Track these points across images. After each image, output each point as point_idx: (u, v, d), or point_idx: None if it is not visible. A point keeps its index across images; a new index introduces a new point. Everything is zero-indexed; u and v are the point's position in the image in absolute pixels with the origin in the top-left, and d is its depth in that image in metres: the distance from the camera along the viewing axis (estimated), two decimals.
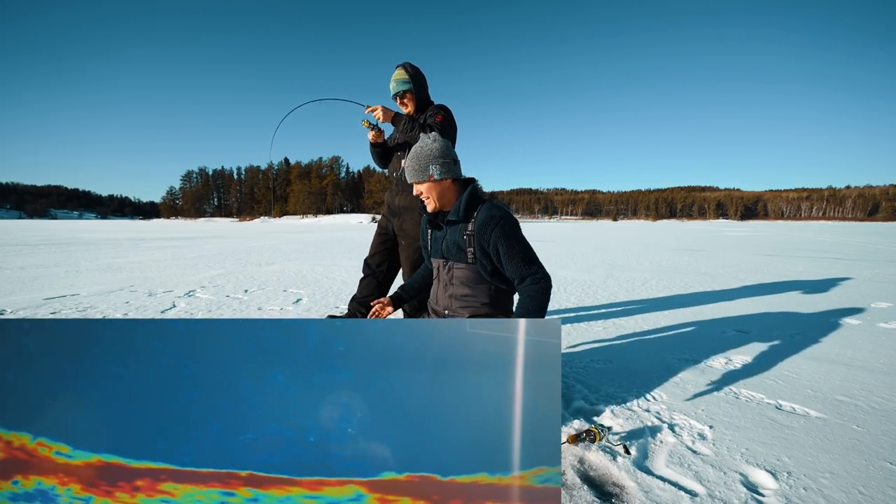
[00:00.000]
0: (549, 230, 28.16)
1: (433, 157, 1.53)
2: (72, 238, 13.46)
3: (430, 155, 1.54)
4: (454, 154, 1.59)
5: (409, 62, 2.31)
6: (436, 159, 1.53)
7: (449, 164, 1.55)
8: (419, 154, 1.55)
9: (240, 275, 5.27)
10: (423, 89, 2.35)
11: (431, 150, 1.54)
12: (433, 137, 1.58)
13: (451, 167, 1.55)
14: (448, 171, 1.54)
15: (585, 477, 1.24)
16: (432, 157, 1.54)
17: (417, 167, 1.55)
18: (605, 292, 4.26)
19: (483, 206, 1.55)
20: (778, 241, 13.91)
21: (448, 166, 1.54)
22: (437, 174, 1.53)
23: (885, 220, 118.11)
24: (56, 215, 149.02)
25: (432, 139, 1.58)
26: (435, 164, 1.53)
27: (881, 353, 2.39)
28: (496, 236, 1.49)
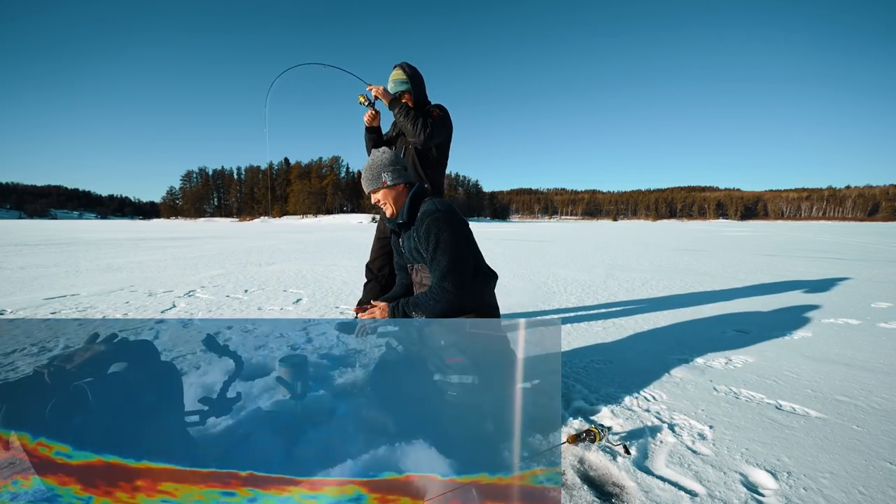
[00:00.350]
0: (548, 230, 28.15)
1: (384, 165, 1.62)
2: (72, 238, 13.46)
3: (381, 164, 1.62)
4: (404, 162, 1.67)
5: (406, 62, 2.31)
6: (386, 167, 1.61)
7: (399, 170, 1.63)
8: (371, 164, 1.64)
9: (240, 275, 5.27)
10: (421, 90, 2.35)
11: (382, 160, 1.63)
12: (382, 150, 1.67)
13: (401, 173, 1.63)
14: (399, 176, 1.62)
15: (585, 477, 1.24)
16: (383, 165, 1.62)
17: (371, 176, 1.63)
18: (605, 292, 4.26)
19: (424, 203, 1.60)
20: (778, 241, 13.91)
21: (399, 172, 1.62)
22: (390, 180, 1.61)
23: (885, 220, 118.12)
24: (56, 215, 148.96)
25: (381, 151, 1.67)
26: (386, 171, 1.61)
27: (881, 353, 2.39)
28: (423, 232, 1.52)
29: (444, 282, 1.47)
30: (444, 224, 1.49)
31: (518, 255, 8.29)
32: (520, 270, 5.94)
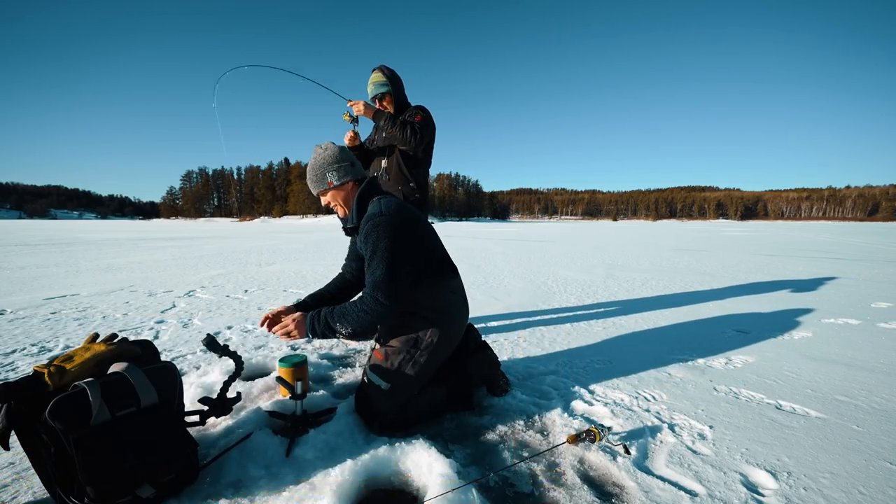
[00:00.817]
0: (548, 230, 28.15)
1: (328, 164, 1.51)
2: (72, 238, 13.46)
3: (324, 163, 1.51)
4: (350, 157, 1.55)
5: (384, 65, 2.34)
6: (330, 165, 1.50)
7: (346, 167, 1.51)
8: (314, 165, 1.52)
9: (240, 275, 5.27)
10: (401, 91, 2.36)
11: (325, 158, 1.51)
12: (324, 146, 1.56)
13: (348, 170, 1.51)
14: (346, 174, 1.51)
15: (585, 477, 1.24)
16: (327, 164, 1.51)
17: (316, 178, 1.52)
18: (606, 292, 4.26)
19: (371, 203, 1.48)
20: (778, 242, 13.91)
21: (345, 169, 1.51)
22: (336, 179, 1.51)
23: (885, 220, 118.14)
24: (56, 215, 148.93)
25: (324, 148, 1.55)
26: (331, 171, 1.50)
27: (881, 353, 2.39)
28: (363, 237, 1.42)
29: (377, 292, 1.36)
30: (384, 229, 1.38)
31: (518, 255, 8.29)
32: (520, 270, 5.94)
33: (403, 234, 1.41)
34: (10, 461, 1.30)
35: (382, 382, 1.44)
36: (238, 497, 1.13)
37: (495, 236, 17.35)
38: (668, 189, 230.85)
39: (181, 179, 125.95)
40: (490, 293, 4.15)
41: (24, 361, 2.15)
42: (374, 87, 2.30)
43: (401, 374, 1.46)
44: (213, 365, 2.01)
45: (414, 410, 1.52)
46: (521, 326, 2.92)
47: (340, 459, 1.22)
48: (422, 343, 1.48)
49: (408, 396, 1.49)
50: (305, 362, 1.70)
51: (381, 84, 2.29)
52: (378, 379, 1.45)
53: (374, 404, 1.46)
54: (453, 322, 1.56)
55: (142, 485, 1.03)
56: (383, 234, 1.37)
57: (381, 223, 1.39)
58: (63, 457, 0.97)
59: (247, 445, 1.32)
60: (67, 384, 1.05)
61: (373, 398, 1.46)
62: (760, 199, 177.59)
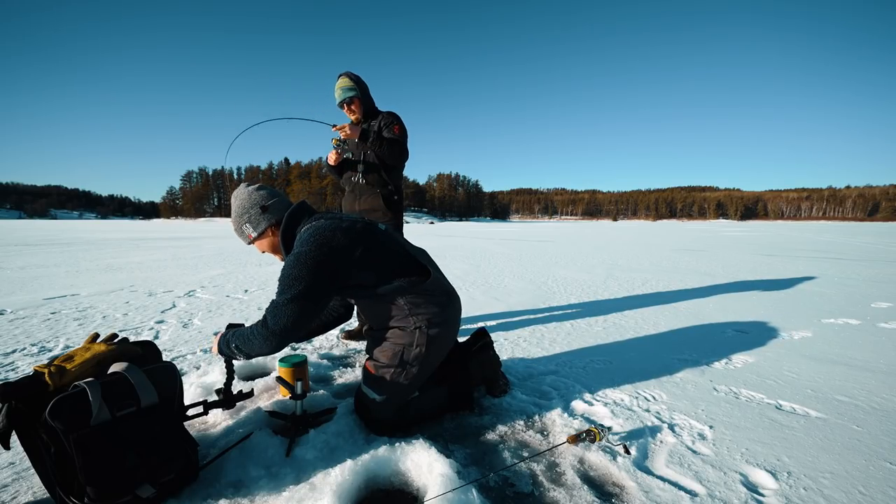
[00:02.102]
0: (548, 230, 28.15)
1: (239, 216, 1.40)
2: (72, 238, 13.46)
3: (237, 216, 1.41)
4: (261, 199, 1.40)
5: (349, 71, 2.38)
6: (241, 217, 1.40)
7: (256, 214, 1.38)
8: (232, 220, 1.44)
9: (240, 275, 5.27)
10: (368, 95, 2.42)
11: (236, 210, 1.41)
12: (235, 194, 1.45)
13: (260, 217, 1.39)
14: (259, 222, 1.39)
15: (585, 477, 1.24)
16: (238, 216, 1.41)
17: (237, 232, 1.44)
18: (606, 292, 4.26)
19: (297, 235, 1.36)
20: (778, 242, 13.91)
21: (257, 218, 1.39)
22: (253, 230, 1.41)
23: (885, 220, 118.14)
24: (56, 215, 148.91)
25: (234, 197, 1.44)
26: (244, 223, 1.41)
27: (881, 353, 2.39)
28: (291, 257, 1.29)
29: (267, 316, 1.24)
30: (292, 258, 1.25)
31: (518, 255, 8.29)
32: (520, 270, 5.94)
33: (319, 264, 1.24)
34: (10, 461, 1.30)
35: (377, 395, 1.42)
36: (238, 497, 1.13)
37: (495, 236, 17.35)
38: (668, 189, 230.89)
39: (181, 179, 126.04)
40: (490, 293, 4.15)
41: (24, 361, 2.15)
42: (342, 91, 2.34)
43: (394, 385, 1.43)
44: (213, 365, 2.01)
45: (415, 410, 1.52)
46: (521, 326, 2.92)
47: (340, 459, 1.22)
48: (409, 355, 1.41)
49: (404, 400, 1.48)
50: (305, 362, 1.70)
51: (348, 89, 2.33)
52: (371, 392, 1.44)
53: (372, 412, 1.46)
54: (441, 325, 1.45)
55: (142, 485, 1.03)
56: (298, 258, 1.24)
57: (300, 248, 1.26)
58: (63, 457, 0.97)
59: (247, 445, 1.32)
60: (67, 384, 1.05)
61: (371, 407, 1.45)
62: (760, 199, 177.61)
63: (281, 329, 1.22)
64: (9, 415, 0.98)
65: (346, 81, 2.33)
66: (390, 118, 2.38)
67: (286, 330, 1.23)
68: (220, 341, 1.37)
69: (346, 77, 2.34)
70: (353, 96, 2.34)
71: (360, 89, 2.35)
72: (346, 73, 2.35)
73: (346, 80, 2.33)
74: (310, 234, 1.28)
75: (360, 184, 2.43)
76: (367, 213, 2.43)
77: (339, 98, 2.36)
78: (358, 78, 2.36)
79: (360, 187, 2.44)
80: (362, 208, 2.45)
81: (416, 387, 1.48)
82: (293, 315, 1.22)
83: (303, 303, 1.22)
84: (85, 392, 1.00)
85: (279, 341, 1.24)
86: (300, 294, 1.21)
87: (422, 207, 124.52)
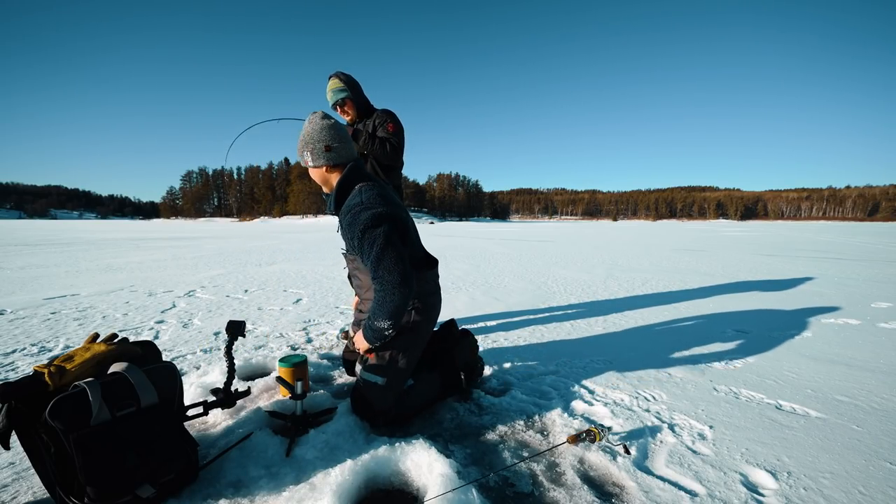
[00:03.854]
0: (548, 230, 28.15)
1: (305, 143, 1.45)
2: (72, 238, 13.46)
3: (303, 140, 1.45)
4: (329, 138, 1.43)
5: (340, 71, 2.32)
6: (306, 144, 1.44)
7: (320, 150, 1.42)
8: (300, 138, 1.47)
9: (240, 275, 5.27)
10: (361, 94, 2.37)
11: (304, 135, 1.45)
12: (310, 119, 1.47)
13: (321, 154, 1.43)
14: (318, 157, 1.43)
15: (585, 477, 1.24)
16: (304, 142, 1.45)
17: (298, 151, 1.49)
18: (606, 292, 4.26)
19: (352, 193, 1.44)
20: (778, 242, 13.91)
21: (319, 153, 1.43)
22: (311, 160, 1.45)
23: (885, 220, 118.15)
24: (56, 215, 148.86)
25: (308, 121, 1.47)
26: (307, 150, 1.44)
27: (881, 353, 2.39)
28: (346, 227, 1.42)
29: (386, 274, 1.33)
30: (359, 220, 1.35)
31: (518, 255, 8.29)
32: (520, 270, 5.94)
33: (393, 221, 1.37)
34: (10, 461, 1.30)
35: (379, 378, 1.47)
36: (238, 497, 1.13)
37: (496, 236, 17.35)
38: (668, 189, 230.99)
39: (181, 179, 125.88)
40: (490, 293, 4.15)
41: (24, 361, 2.15)
42: (333, 93, 2.30)
43: (395, 367, 1.50)
44: (213, 365, 2.01)
45: (412, 399, 1.58)
46: (521, 326, 2.92)
47: (340, 459, 1.22)
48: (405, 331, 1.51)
49: (403, 386, 1.54)
50: (305, 362, 1.70)
51: (339, 90, 2.29)
52: (372, 376, 1.48)
53: (373, 403, 1.48)
54: (432, 310, 1.61)
55: (142, 485, 1.03)
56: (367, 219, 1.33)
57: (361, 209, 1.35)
58: (63, 457, 0.97)
59: (247, 445, 1.32)
60: (67, 384, 1.05)
61: (371, 397, 1.48)
62: (760, 199, 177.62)
63: (399, 275, 1.32)
64: (9, 415, 0.98)
65: (337, 83, 2.29)
66: (384, 116, 2.33)
67: (402, 270, 1.33)
68: (364, 336, 1.45)
69: (336, 78, 2.30)
70: (345, 97, 2.30)
71: (352, 89, 2.30)
72: (336, 74, 2.31)
73: (337, 82, 2.29)
74: (376, 193, 1.39)
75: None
76: None
77: (331, 100, 2.33)
78: (349, 78, 2.32)
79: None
80: None
81: (412, 367, 1.55)
82: (395, 258, 1.32)
83: (394, 247, 1.33)
84: (85, 392, 1.00)
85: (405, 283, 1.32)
86: (388, 243, 1.32)
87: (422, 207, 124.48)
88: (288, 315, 3.19)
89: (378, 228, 1.34)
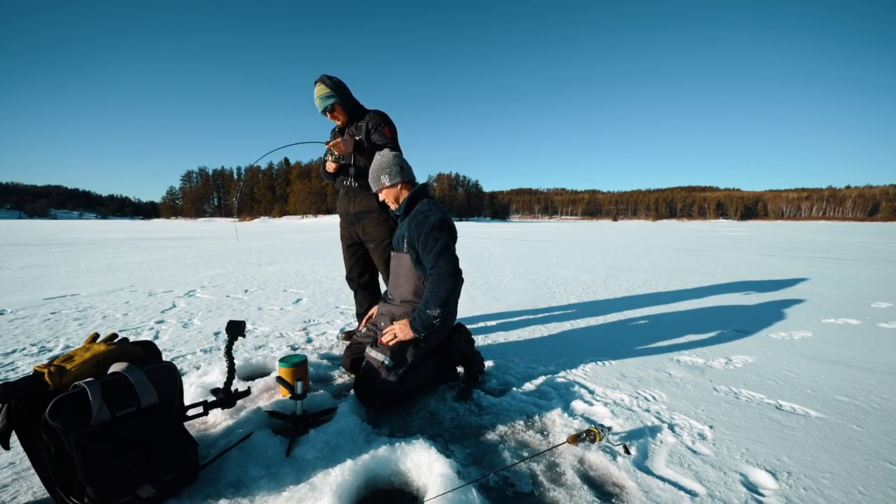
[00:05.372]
0: (548, 230, 28.15)
1: (381, 169, 1.88)
2: (72, 238, 13.46)
3: (378, 167, 1.89)
4: (399, 163, 1.89)
5: (325, 75, 2.25)
6: (383, 170, 1.87)
7: (396, 171, 1.86)
8: (373, 168, 1.91)
9: (240, 275, 5.27)
10: (349, 97, 2.31)
11: (378, 164, 1.90)
12: (383, 153, 1.90)
13: (397, 173, 1.86)
14: (395, 176, 1.86)
15: (585, 477, 1.24)
16: (380, 169, 1.89)
17: (373, 178, 1.90)
18: (606, 292, 4.26)
19: (420, 203, 1.85)
20: (778, 242, 13.91)
21: (395, 173, 1.86)
22: (388, 181, 1.87)
23: (885, 220, 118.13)
24: (56, 215, 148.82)
25: (382, 154, 1.90)
26: (384, 174, 1.87)
27: (881, 353, 2.39)
28: (413, 227, 1.75)
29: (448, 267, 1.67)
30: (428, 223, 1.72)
31: (518, 255, 8.29)
32: (520, 270, 5.94)
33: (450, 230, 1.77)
34: (10, 461, 1.30)
35: (386, 358, 1.64)
36: (238, 497, 1.13)
37: (495, 236, 17.35)
38: (668, 189, 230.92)
39: (181, 179, 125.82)
40: (490, 293, 4.15)
41: (24, 361, 2.15)
42: (321, 100, 2.24)
43: (402, 355, 1.67)
44: (213, 365, 2.01)
45: (411, 383, 1.72)
46: (521, 326, 2.92)
47: (340, 459, 1.22)
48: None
49: (405, 371, 1.68)
50: (305, 362, 1.70)
51: (327, 96, 2.23)
52: (381, 355, 1.66)
53: (377, 381, 1.62)
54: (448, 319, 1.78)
55: (142, 485, 1.03)
56: (435, 224, 1.72)
57: (430, 216, 1.75)
58: (63, 457, 0.97)
59: (247, 445, 1.32)
60: (67, 384, 1.05)
61: (375, 375, 1.63)
62: (760, 199, 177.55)
63: (455, 266, 1.69)
64: (9, 415, 0.98)
65: (323, 89, 2.22)
66: (378, 119, 2.29)
67: (457, 264, 1.71)
68: (411, 325, 1.67)
69: (322, 84, 2.22)
70: (334, 103, 2.24)
71: (339, 93, 2.24)
72: (322, 79, 2.23)
73: (323, 87, 2.22)
74: (436, 206, 1.82)
75: (354, 187, 2.37)
76: (362, 215, 2.37)
77: (319, 107, 2.27)
78: (335, 82, 2.24)
79: (354, 190, 2.38)
80: (357, 210, 2.38)
81: (419, 357, 1.73)
82: (452, 254, 1.72)
83: (452, 246, 1.74)
84: (85, 392, 1.00)
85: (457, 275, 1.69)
86: (449, 242, 1.73)
87: None
88: (288, 315, 3.19)
89: (444, 231, 1.73)
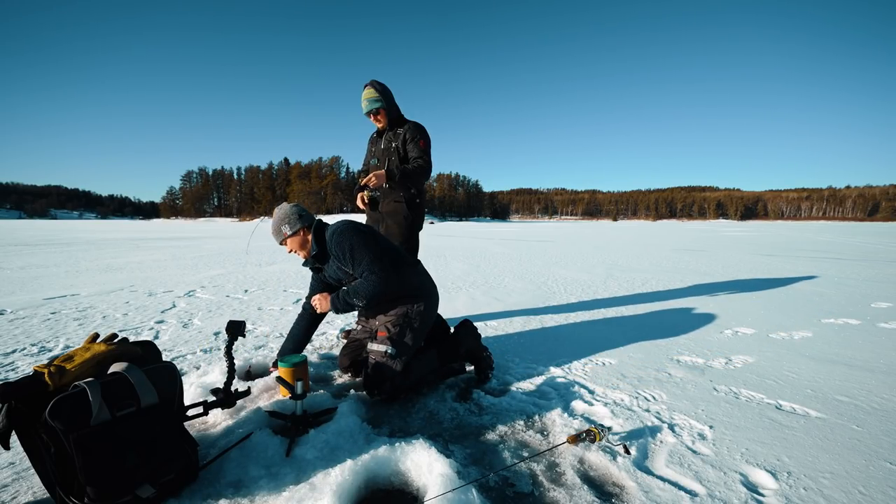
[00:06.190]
0: (548, 230, 28.14)
1: (281, 221, 1.87)
2: (72, 238, 13.46)
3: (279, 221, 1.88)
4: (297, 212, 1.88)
5: (375, 80, 2.41)
6: (283, 221, 1.87)
7: (295, 219, 1.86)
8: (273, 223, 1.91)
9: (240, 275, 5.27)
10: (393, 104, 2.46)
11: (278, 217, 1.89)
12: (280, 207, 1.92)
13: (297, 221, 1.86)
14: (295, 224, 1.85)
15: (585, 477, 1.24)
16: (280, 221, 1.88)
17: (275, 231, 1.88)
18: (606, 292, 4.26)
19: (326, 232, 1.86)
20: (778, 242, 13.91)
21: (294, 221, 1.86)
22: (289, 230, 1.86)
23: (885, 220, 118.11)
24: (56, 215, 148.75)
25: (279, 208, 1.92)
26: (284, 224, 1.87)
27: (881, 353, 2.39)
28: (337, 253, 1.79)
29: (374, 268, 1.73)
30: (349, 234, 1.76)
31: (518, 255, 8.29)
32: (520, 270, 5.94)
33: (365, 236, 1.80)
34: (10, 461, 1.30)
35: (390, 348, 1.74)
36: (238, 497, 1.13)
37: (495, 236, 17.35)
38: (668, 189, 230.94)
39: (181, 179, 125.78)
40: (490, 293, 4.15)
41: (24, 361, 2.15)
42: (368, 103, 2.40)
43: (402, 340, 1.77)
44: (213, 365, 2.01)
45: (416, 373, 1.80)
46: (521, 326, 2.93)
47: (340, 459, 1.22)
48: (412, 312, 1.83)
49: (409, 357, 1.78)
50: (305, 362, 1.70)
51: (374, 100, 2.39)
52: (383, 345, 1.75)
53: (384, 370, 1.71)
54: (431, 294, 1.93)
55: (142, 485, 1.03)
56: (350, 236, 1.76)
57: (345, 231, 1.77)
58: (63, 457, 0.97)
59: (247, 445, 1.32)
60: (67, 384, 1.05)
61: (381, 366, 1.71)
62: (760, 199, 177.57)
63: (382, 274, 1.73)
64: (9, 415, 0.98)
65: (372, 92, 2.38)
66: (416, 132, 2.42)
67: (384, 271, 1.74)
68: (331, 302, 1.81)
69: (371, 88, 2.38)
70: (380, 107, 2.40)
71: (385, 99, 2.40)
72: (372, 83, 2.39)
73: (372, 91, 2.38)
74: (343, 228, 1.79)
75: (385, 188, 2.47)
76: (389, 215, 2.48)
77: (365, 109, 2.43)
78: (383, 88, 2.41)
79: (384, 191, 2.49)
80: (385, 210, 2.50)
81: (418, 342, 1.83)
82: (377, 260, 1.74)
83: (373, 247, 1.76)
84: (85, 392, 1.00)
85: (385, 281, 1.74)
86: (373, 256, 1.74)
87: None
88: (288, 315, 3.18)
89: (355, 234, 1.76)
